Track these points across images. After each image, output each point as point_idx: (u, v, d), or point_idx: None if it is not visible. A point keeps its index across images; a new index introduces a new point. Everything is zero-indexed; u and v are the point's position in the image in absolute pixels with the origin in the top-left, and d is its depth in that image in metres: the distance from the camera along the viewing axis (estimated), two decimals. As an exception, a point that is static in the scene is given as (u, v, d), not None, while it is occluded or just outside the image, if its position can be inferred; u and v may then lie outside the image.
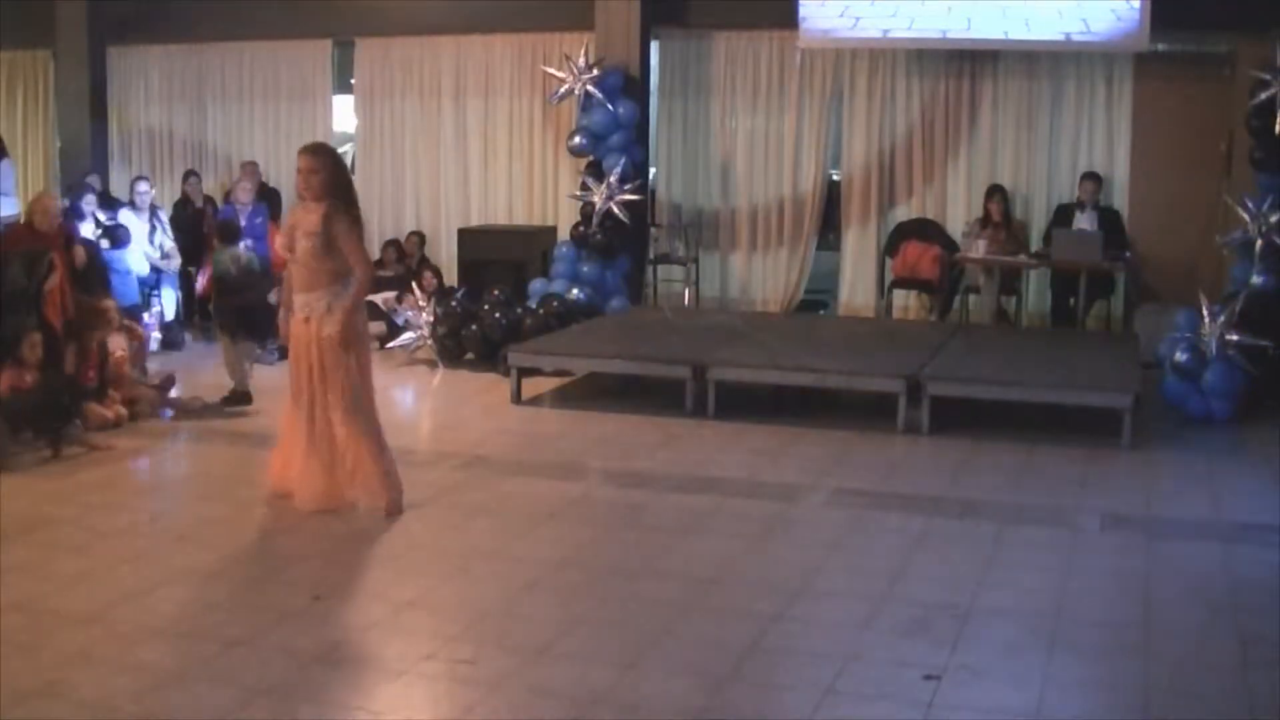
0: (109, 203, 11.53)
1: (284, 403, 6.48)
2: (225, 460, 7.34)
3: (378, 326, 10.48)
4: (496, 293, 10.33)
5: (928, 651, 4.63)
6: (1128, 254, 10.55)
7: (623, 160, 11.15)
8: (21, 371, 7.63)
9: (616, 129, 11.24)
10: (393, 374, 9.85)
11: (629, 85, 11.41)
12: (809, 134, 11.87)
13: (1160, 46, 10.66)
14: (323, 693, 4.27)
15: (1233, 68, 10.37)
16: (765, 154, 12.02)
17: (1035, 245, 10.92)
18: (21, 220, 9.95)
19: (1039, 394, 8.07)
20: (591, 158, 11.34)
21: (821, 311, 12.15)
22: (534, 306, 10.26)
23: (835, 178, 12.14)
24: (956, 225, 11.24)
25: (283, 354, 7.87)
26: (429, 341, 10.06)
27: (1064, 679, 4.44)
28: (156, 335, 10.66)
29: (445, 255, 12.30)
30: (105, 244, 10.53)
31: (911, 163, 11.64)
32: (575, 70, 11.17)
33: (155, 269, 11.12)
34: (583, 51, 11.26)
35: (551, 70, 11.50)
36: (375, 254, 12.01)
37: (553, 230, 12.03)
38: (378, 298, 10.59)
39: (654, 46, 12.06)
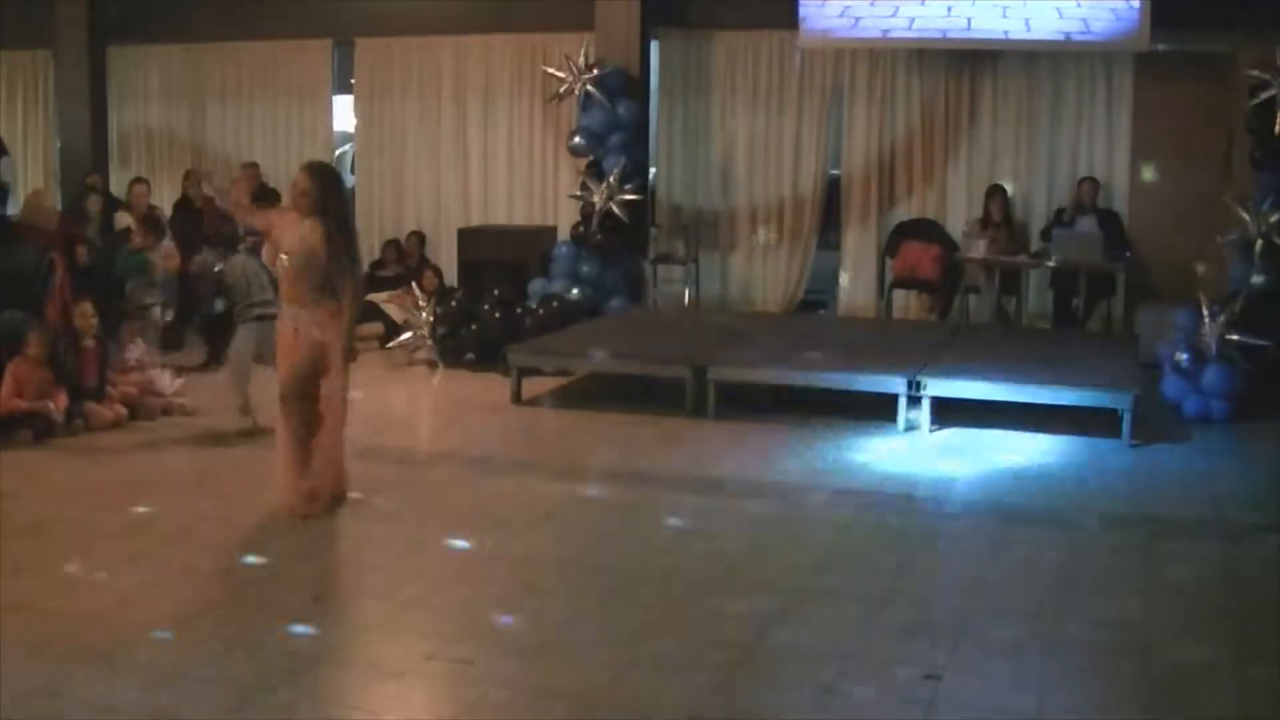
0: (109, 203, 11.53)
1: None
2: (225, 460, 7.34)
3: (376, 327, 10.50)
4: (496, 293, 10.34)
5: (928, 651, 4.63)
6: (1128, 254, 10.56)
7: (623, 160, 11.14)
8: (28, 370, 7.64)
9: (616, 129, 11.24)
10: (393, 374, 9.85)
11: (629, 85, 11.40)
12: (809, 134, 11.87)
13: (1160, 46, 10.65)
14: (323, 693, 4.27)
15: (1233, 68, 10.38)
16: (765, 154, 12.02)
17: (1035, 245, 10.93)
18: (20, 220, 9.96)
19: (1039, 394, 8.07)
20: (591, 158, 11.34)
21: (821, 311, 12.15)
22: (534, 306, 10.26)
23: (835, 173, 12.15)
24: (956, 225, 11.24)
25: None
26: (429, 341, 10.06)
27: (1064, 679, 4.44)
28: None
29: (445, 255, 12.29)
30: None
31: (911, 163, 11.65)
32: (575, 70, 11.17)
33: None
34: (583, 51, 11.25)
35: (551, 70, 11.50)
36: (375, 254, 12.05)
37: (553, 230, 12.02)
38: (377, 297, 10.59)
39: (654, 46, 12.05)
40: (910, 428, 8.06)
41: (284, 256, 6.06)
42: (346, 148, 14.74)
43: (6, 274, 8.60)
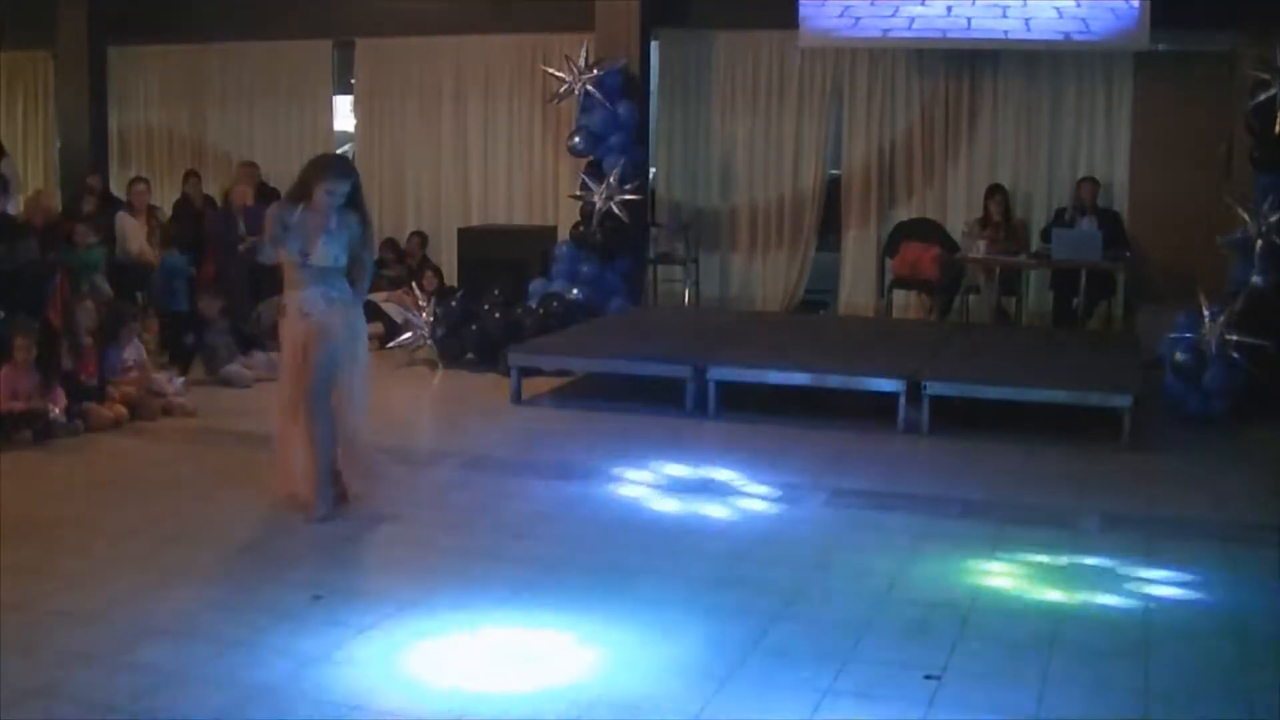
0: (110, 203, 11.53)
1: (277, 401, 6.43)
2: (225, 460, 7.34)
3: (376, 327, 10.48)
4: (496, 293, 10.34)
5: (928, 651, 4.63)
6: (1128, 254, 10.56)
7: (622, 160, 11.15)
8: (18, 373, 7.63)
9: (616, 129, 11.24)
10: (393, 374, 9.85)
11: (629, 85, 11.41)
12: (809, 134, 11.89)
13: (1160, 46, 10.67)
14: (323, 693, 4.27)
15: (1233, 68, 10.38)
16: (765, 154, 12.04)
17: (1035, 245, 10.93)
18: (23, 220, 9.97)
19: (1039, 394, 8.07)
20: (591, 158, 11.34)
21: (821, 311, 12.15)
22: (534, 306, 10.26)
23: (835, 173, 12.16)
24: (956, 225, 11.25)
25: None
26: (429, 341, 10.06)
27: (1064, 679, 4.44)
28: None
29: (445, 255, 12.30)
30: None
31: (911, 163, 11.66)
32: (575, 70, 11.17)
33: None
34: (583, 51, 11.26)
35: (551, 70, 11.50)
36: (376, 253, 12.04)
37: (553, 230, 12.03)
38: (377, 297, 10.59)
39: (654, 46, 12.06)
40: (910, 428, 8.06)
41: (316, 249, 5.99)
42: (346, 148, 14.73)
43: (11, 272, 8.61)
